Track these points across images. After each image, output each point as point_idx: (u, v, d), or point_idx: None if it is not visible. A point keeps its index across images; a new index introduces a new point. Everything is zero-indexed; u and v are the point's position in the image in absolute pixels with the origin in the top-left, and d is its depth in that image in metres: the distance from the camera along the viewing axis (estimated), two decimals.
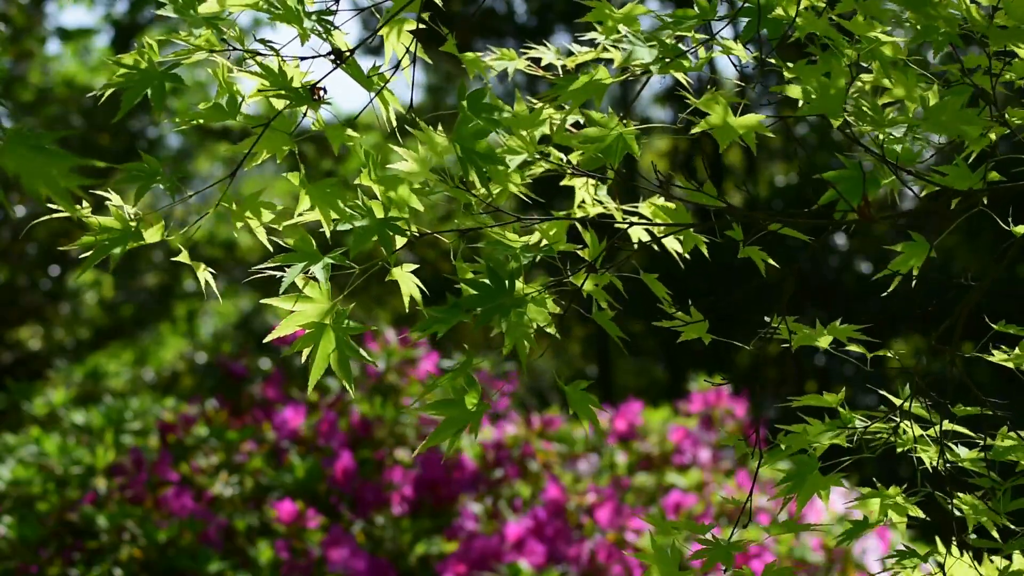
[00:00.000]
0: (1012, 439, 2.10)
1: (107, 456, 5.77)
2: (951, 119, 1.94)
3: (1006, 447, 2.09)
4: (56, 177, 1.33)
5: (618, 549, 5.73)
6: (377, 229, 1.86)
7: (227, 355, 7.52)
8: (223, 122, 1.91)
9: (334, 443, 5.96)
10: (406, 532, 5.78)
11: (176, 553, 5.34)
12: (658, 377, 15.04)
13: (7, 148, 1.31)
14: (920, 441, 2.10)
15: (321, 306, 1.83)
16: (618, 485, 6.17)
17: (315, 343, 1.82)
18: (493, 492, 6.05)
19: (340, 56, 1.91)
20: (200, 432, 6.01)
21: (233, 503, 5.79)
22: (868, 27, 1.96)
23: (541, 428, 6.40)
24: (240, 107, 1.91)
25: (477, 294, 1.84)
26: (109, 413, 6.08)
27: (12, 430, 6.68)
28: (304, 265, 1.81)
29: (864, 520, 2.09)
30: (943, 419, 2.09)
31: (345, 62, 1.92)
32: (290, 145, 1.91)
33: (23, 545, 5.32)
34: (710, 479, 6.33)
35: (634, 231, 2.10)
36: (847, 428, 2.07)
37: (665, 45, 1.92)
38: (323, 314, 1.83)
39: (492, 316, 1.83)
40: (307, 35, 1.88)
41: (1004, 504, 2.07)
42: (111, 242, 1.87)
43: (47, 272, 11.46)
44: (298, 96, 1.88)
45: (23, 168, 1.32)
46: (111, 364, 11.90)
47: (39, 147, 1.32)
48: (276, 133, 1.91)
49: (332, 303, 1.83)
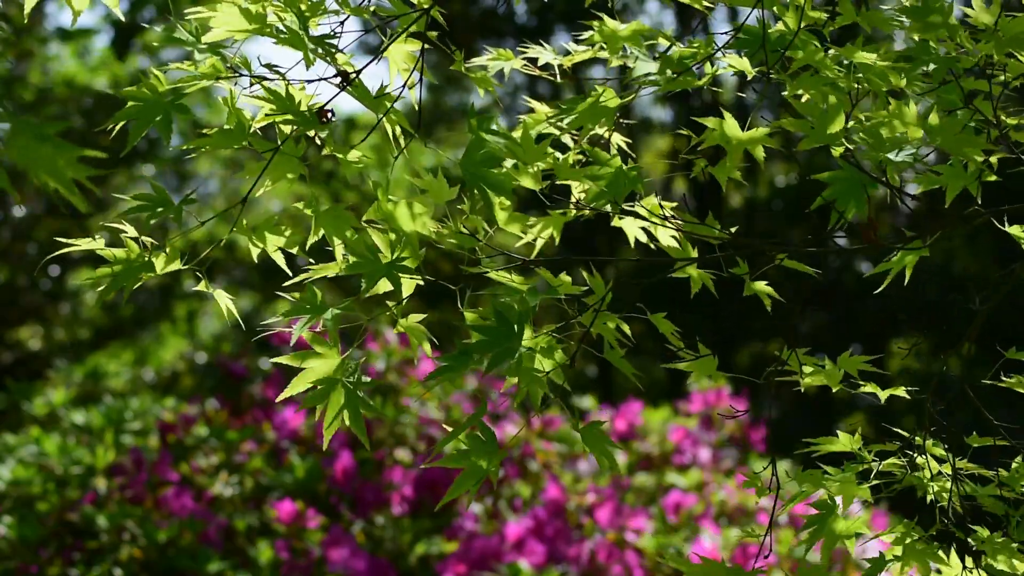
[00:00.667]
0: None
1: (107, 456, 5.77)
2: (953, 140, 1.94)
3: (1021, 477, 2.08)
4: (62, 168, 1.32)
5: (618, 549, 5.73)
6: (385, 272, 1.85)
7: (227, 355, 7.52)
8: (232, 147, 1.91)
9: (334, 443, 5.96)
10: (406, 532, 5.78)
11: (176, 553, 5.34)
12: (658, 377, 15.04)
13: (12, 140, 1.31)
14: (936, 479, 2.09)
15: (330, 361, 1.82)
16: (618, 485, 6.17)
17: (326, 399, 1.82)
18: (493, 492, 6.05)
19: (346, 78, 1.91)
20: (200, 432, 6.01)
21: (233, 503, 5.79)
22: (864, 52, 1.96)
23: (541, 428, 6.40)
24: (249, 131, 1.91)
25: (486, 339, 1.81)
26: (109, 413, 6.08)
27: (12, 430, 6.67)
28: (310, 319, 1.80)
29: (882, 557, 2.08)
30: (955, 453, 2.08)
31: (351, 84, 1.91)
32: (299, 169, 1.91)
33: (23, 545, 5.32)
34: (710, 479, 6.33)
35: (630, 229, 2.10)
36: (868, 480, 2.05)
37: (670, 60, 1.92)
38: (333, 369, 1.82)
39: (501, 361, 1.81)
40: (312, 61, 1.88)
41: (1020, 534, 2.06)
42: (124, 273, 1.87)
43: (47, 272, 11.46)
44: (305, 120, 1.88)
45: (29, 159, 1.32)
46: (111, 364, 11.90)
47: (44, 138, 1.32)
48: (285, 156, 1.91)
49: (341, 358, 1.82)
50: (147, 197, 1.88)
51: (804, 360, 2.11)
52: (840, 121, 1.91)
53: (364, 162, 1.92)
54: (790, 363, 2.10)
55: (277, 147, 1.89)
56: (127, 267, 1.87)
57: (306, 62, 1.88)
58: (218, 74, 1.89)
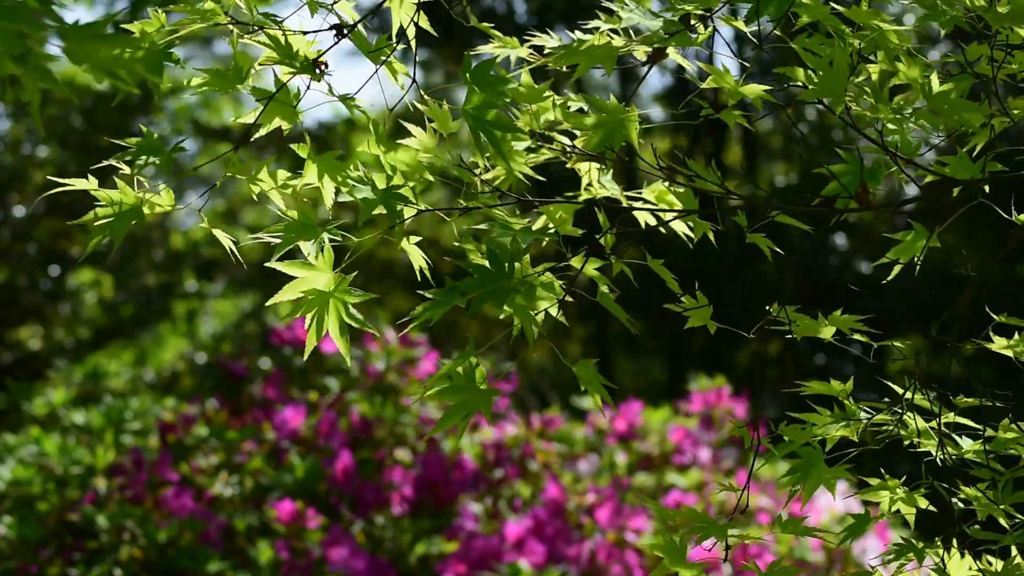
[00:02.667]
0: (1014, 431, 2.09)
1: (107, 456, 5.77)
2: (953, 106, 1.94)
3: (1008, 439, 2.09)
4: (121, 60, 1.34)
5: (618, 549, 5.73)
6: (382, 199, 1.85)
7: (227, 355, 7.52)
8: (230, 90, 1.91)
9: (334, 443, 5.96)
10: (406, 532, 5.78)
11: (176, 553, 5.34)
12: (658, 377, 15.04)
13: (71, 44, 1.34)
14: (924, 434, 2.09)
15: (323, 274, 1.83)
16: (618, 485, 6.17)
17: (317, 310, 1.82)
18: (493, 492, 6.04)
19: (341, 30, 1.92)
20: (200, 432, 6.01)
21: (233, 503, 5.79)
22: (872, 15, 1.96)
23: (541, 428, 6.40)
24: (247, 75, 1.91)
25: (476, 278, 1.82)
26: (109, 413, 6.08)
27: (12, 430, 6.68)
28: (302, 236, 1.80)
29: (866, 514, 2.08)
30: (943, 411, 2.09)
31: (348, 34, 1.92)
32: (294, 117, 1.92)
33: (23, 545, 5.32)
34: (710, 479, 6.33)
35: (640, 214, 2.09)
36: (853, 421, 2.06)
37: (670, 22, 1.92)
38: (325, 282, 1.82)
39: (488, 300, 1.81)
40: (316, 7, 1.89)
41: (1005, 496, 2.07)
42: (121, 215, 1.87)
43: (47, 272, 11.46)
44: (302, 67, 1.89)
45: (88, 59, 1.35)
46: (111, 364, 11.89)
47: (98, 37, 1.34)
48: (280, 104, 1.91)
49: (335, 273, 1.83)
50: (137, 143, 1.88)
51: (794, 317, 2.10)
52: (844, 71, 1.90)
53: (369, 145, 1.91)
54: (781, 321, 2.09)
55: (273, 94, 1.89)
56: (119, 213, 1.86)
57: (310, 8, 1.89)
58: (216, 18, 1.89)
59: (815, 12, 1.94)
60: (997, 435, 2.10)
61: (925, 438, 2.10)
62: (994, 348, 2.14)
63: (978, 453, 2.10)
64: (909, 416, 2.08)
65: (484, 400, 1.83)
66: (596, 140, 1.97)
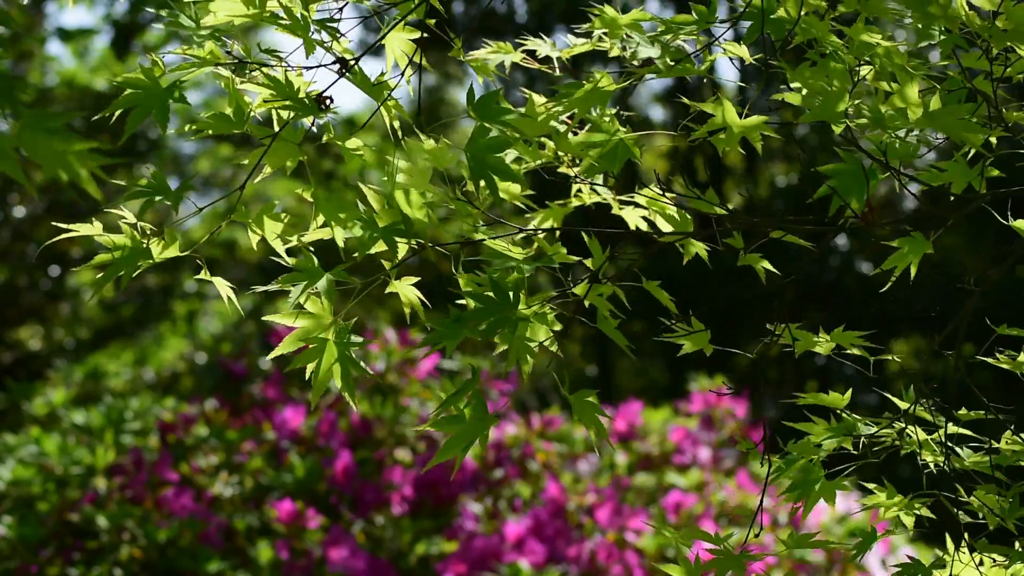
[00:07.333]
0: (1017, 443, 2.09)
1: (107, 456, 5.77)
2: (954, 125, 1.94)
3: (1012, 451, 2.09)
4: (73, 161, 1.32)
5: (618, 549, 5.73)
6: (382, 236, 1.86)
7: (227, 355, 7.52)
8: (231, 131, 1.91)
9: (334, 443, 5.96)
10: (406, 532, 5.78)
11: (176, 553, 5.34)
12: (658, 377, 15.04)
13: (24, 134, 1.31)
14: (925, 445, 2.09)
15: (323, 320, 1.83)
16: (618, 485, 6.17)
17: (318, 358, 1.82)
18: (493, 492, 6.05)
19: (345, 65, 1.91)
20: (200, 432, 6.01)
21: (233, 503, 5.79)
22: (868, 32, 1.96)
23: (541, 428, 6.40)
24: (248, 117, 1.91)
25: (481, 308, 1.82)
26: (109, 413, 6.08)
27: (12, 430, 6.68)
28: (307, 284, 1.80)
29: (873, 531, 2.08)
30: (948, 422, 2.08)
31: (350, 71, 1.91)
32: (298, 155, 1.91)
33: (23, 545, 5.32)
34: (710, 479, 6.33)
35: (631, 217, 2.10)
36: (852, 435, 2.06)
37: (669, 49, 1.92)
38: (325, 329, 1.82)
39: (496, 330, 1.81)
40: (313, 47, 1.88)
41: (1012, 510, 2.06)
42: (122, 260, 1.87)
43: (47, 272, 11.46)
44: (304, 106, 1.88)
45: (41, 154, 1.32)
46: (111, 364, 11.89)
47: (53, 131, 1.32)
48: (283, 143, 1.90)
49: (334, 318, 1.82)
50: (145, 184, 1.88)
51: (796, 333, 2.11)
52: (844, 98, 1.90)
53: (364, 153, 1.92)
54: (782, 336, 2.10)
55: (276, 133, 1.89)
56: (125, 254, 1.86)
57: (307, 49, 1.88)
58: (217, 60, 1.89)
59: (814, 30, 1.94)
60: (1001, 447, 2.10)
61: (925, 449, 2.10)
62: (997, 364, 2.13)
63: (980, 464, 2.10)
64: (910, 428, 2.08)
65: (482, 429, 1.84)
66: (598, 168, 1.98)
